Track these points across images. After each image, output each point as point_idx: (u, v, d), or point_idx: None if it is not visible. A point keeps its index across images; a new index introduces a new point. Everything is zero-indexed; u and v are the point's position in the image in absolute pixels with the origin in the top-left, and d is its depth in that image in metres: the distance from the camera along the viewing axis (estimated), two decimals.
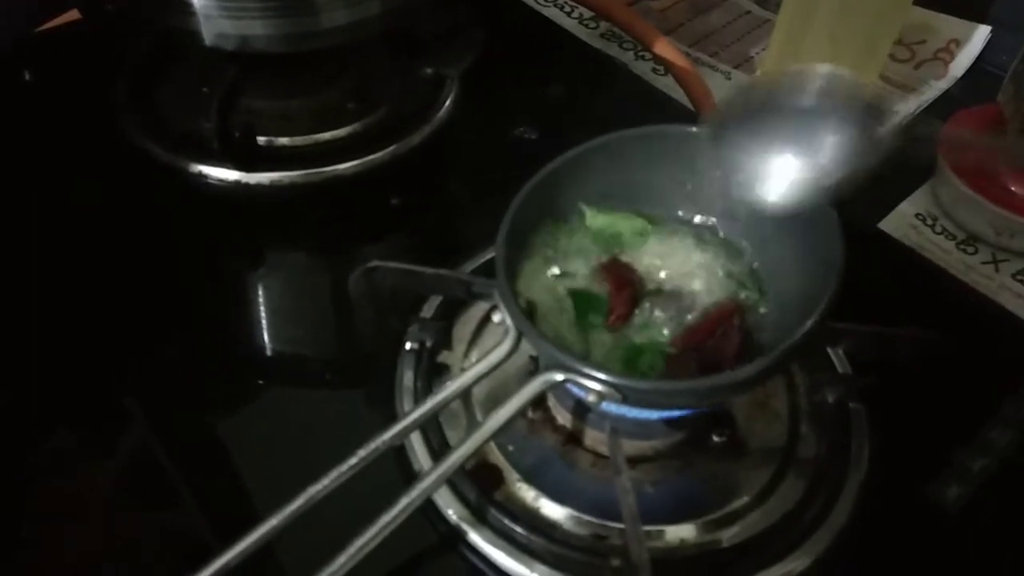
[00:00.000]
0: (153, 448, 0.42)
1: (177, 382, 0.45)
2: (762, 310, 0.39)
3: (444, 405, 0.37)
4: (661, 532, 0.37)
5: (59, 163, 0.55)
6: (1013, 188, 0.60)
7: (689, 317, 0.39)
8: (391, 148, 0.53)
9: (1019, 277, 0.60)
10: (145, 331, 0.47)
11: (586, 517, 0.38)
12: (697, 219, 0.42)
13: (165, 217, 0.52)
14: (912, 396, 0.42)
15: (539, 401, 0.41)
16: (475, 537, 0.37)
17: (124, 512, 0.40)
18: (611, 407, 0.35)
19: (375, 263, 0.40)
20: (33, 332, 0.46)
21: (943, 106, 0.73)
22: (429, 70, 0.56)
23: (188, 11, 0.46)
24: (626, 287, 0.39)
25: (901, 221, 0.64)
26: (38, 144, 0.56)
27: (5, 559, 0.38)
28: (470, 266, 0.47)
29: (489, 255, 0.47)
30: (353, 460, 0.34)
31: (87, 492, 0.40)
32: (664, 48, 0.69)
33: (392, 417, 0.41)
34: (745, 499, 0.38)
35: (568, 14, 0.81)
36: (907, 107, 0.73)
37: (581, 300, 0.39)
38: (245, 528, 0.33)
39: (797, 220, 0.38)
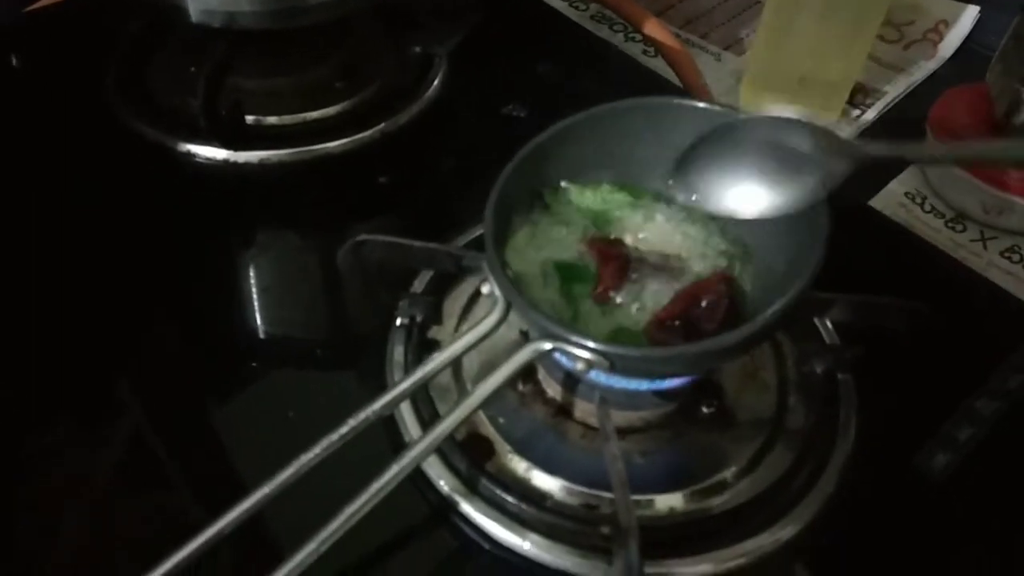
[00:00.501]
0: (145, 429, 0.42)
1: (168, 361, 0.45)
2: (748, 281, 0.39)
3: (433, 375, 0.37)
4: (651, 501, 0.38)
5: (47, 144, 0.54)
6: None
7: (676, 288, 0.39)
8: (380, 126, 0.53)
9: (1007, 254, 0.60)
10: (135, 312, 0.47)
11: (577, 487, 0.38)
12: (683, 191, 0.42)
13: (154, 196, 0.52)
14: (899, 367, 0.42)
15: (529, 374, 0.41)
16: (467, 507, 0.37)
17: (120, 497, 0.40)
18: (599, 376, 0.35)
19: (363, 236, 0.40)
20: (21, 316, 0.46)
21: (932, 86, 0.73)
22: (418, 48, 0.56)
23: None
24: (613, 260, 0.39)
25: (891, 199, 0.64)
26: (26, 124, 0.56)
27: (2, 548, 0.37)
28: (460, 243, 0.47)
29: (478, 232, 0.47)
30: (344, 429, 0.34)
31: (82, 478, 0.40)
32: (654, 29, 0.69)
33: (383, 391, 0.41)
34: (734, 469, 0.39)
35: None
36: (896, 88, 0.73)
37: (567, 272, 0.39)
38: (229, 503, 0.33)
39: None
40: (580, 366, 0.34)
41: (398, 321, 0.43)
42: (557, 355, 0.35)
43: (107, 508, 0.39)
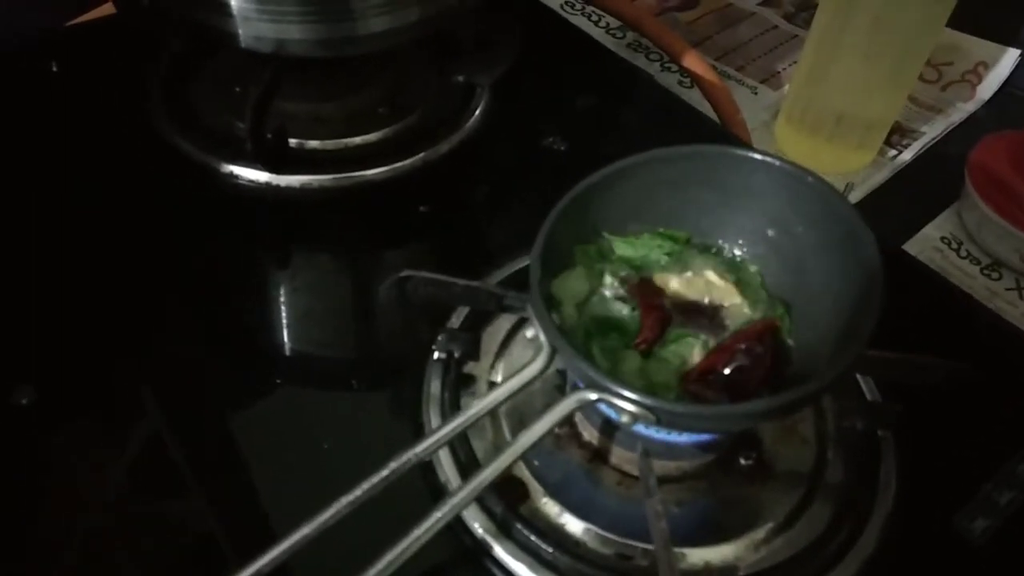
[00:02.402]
0: (178, 451, 0.42)
1: (202, 385, 0.45)
2: (792, 331, 0.39)
3: (476, 419, 0.37)
4: (684, 555, 0.37)
5: (86, 157, 0.55)
6: None
7: (718, 339, 0.39)
8: (421, 155, 0.53)
9: None
10: (172, 332, 0.47)
11: (611, 535, 0.38)
12: (727, 241, 0.42)
13: (194, 216, 0.52)
14: (939, 424, 0.42)
15: (566, 417, 0.41)
16: (500, 551, 0.37)
17: (145, 517, 0.40)
18: (643, 428, 0.35)
19: (408, 272, 0.40)
20: (61, 329, 0.46)
21: (969, 128, 0.73)
22: (461, 78, 0.56)
23: (225, 12, 0.46)
24: (655, 310, 0.39)
25: (926, 244, 0.64)
26: (65, 137, 0.56)
27: (16, 552, 0.38)
28: (498, 276, 0.47)
29: (517, 266, 0.47)
30: (384, 472, 0.34)
31: (111, 487, 0.40)
32: (693, 62, 0.69)
33: (419, 427, 0.41)
34: (771, 524, 0.38)
35: (595, 23, 0.81)
36: (934, 129, 0.73)
37: (607, 326, 0.39)
38: (265, 533, 0.33)
39: (831, 245, 0.38)
40: (625, 418, 0.33)
41: (435, 355, 0.43)
42: (601, 405, 0.35)
43: (132, 524, 0.39)
